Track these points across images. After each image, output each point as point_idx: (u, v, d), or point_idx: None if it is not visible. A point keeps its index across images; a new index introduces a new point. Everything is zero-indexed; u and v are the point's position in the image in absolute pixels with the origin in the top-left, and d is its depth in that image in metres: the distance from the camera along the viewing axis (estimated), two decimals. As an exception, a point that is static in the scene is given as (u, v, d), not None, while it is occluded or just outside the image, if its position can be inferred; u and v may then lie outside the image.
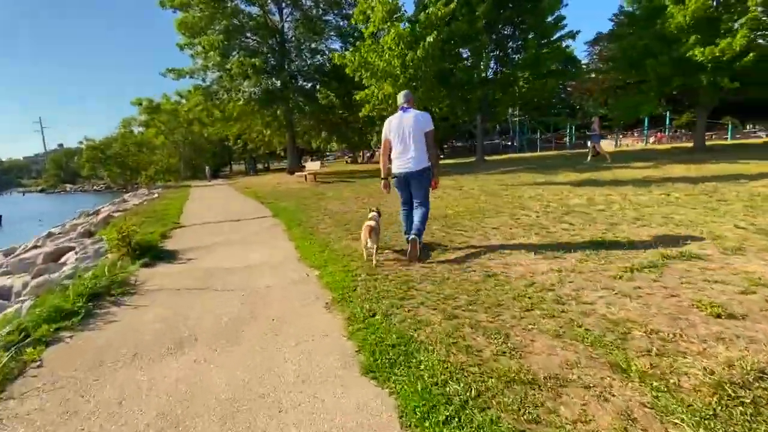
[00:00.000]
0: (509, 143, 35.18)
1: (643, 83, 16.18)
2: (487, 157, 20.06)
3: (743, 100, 19.49)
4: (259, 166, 51.58)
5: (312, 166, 16.98)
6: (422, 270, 3.54)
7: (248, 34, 19.29)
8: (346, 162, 40.99)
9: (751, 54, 12.17)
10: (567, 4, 15.34)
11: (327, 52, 20.28)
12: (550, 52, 15.70)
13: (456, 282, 3.16)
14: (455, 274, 3.35)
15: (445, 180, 11.12)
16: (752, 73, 12.77)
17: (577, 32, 16.38)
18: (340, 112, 22.27)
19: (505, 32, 17.23)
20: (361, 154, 44.23)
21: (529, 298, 2.74)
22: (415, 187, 3.90)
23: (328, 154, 64.76)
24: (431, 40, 8.24)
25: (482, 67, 16.09)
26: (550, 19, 15.24)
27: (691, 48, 12.83)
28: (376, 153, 49.52)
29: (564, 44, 16.65)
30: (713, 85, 13.17)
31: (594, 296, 2.70)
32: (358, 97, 10.92)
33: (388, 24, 8.65)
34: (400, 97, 4.00)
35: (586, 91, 33.68)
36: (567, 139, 33.10)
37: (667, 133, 29.72)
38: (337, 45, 20.01)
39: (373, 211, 4.28)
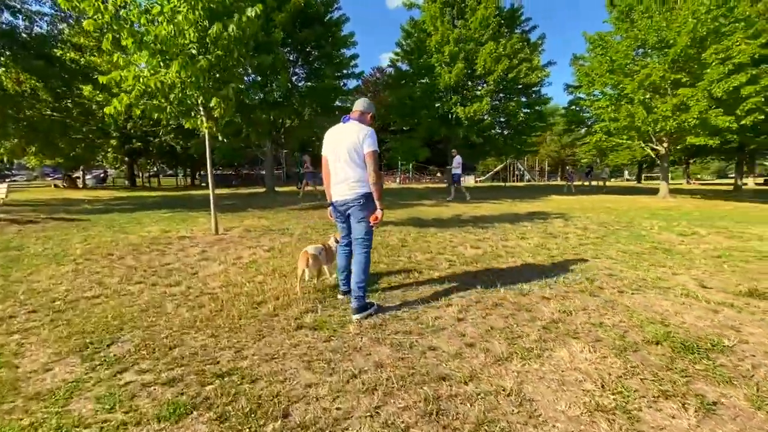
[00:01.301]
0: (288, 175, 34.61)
1: (411, 131, 18.44)
2: (277, 188, 17.81)
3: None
4: None
5: (-14, 190, 9.43)
6: None
7: None
8: (58, 186, 27.71)
9: (489, 119, 15.67)
10: (357, 43, 15.65)
11: (26, 13, 12.76)
12: (339, 87, 15.52)
13: None
14: None
15: (250, 219, 8.20)
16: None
17: (361, 73, 17.05)
18: (50, 112, 14.58)
19: (292, 58, 15.95)
20: (81, 175, 31.60)
21: None
22: (353, 218, 3.07)
23: (15, 172, 44.21)
24: (252, 15, 5.56)
25: (275, 86, 14.03)
26: (345, 52, 15.05)
27: (454, 106, 15.37)
28: (109, 174, 37.50)
29: (347, 83, 17.01)
30: (466, 138, 16.18)
31: None
32: (103, 81, 5.93)
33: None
34: (356, 104, 3.13)
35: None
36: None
37: (410, 175, 36.54)
38: (47, 9, 12.96)
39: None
